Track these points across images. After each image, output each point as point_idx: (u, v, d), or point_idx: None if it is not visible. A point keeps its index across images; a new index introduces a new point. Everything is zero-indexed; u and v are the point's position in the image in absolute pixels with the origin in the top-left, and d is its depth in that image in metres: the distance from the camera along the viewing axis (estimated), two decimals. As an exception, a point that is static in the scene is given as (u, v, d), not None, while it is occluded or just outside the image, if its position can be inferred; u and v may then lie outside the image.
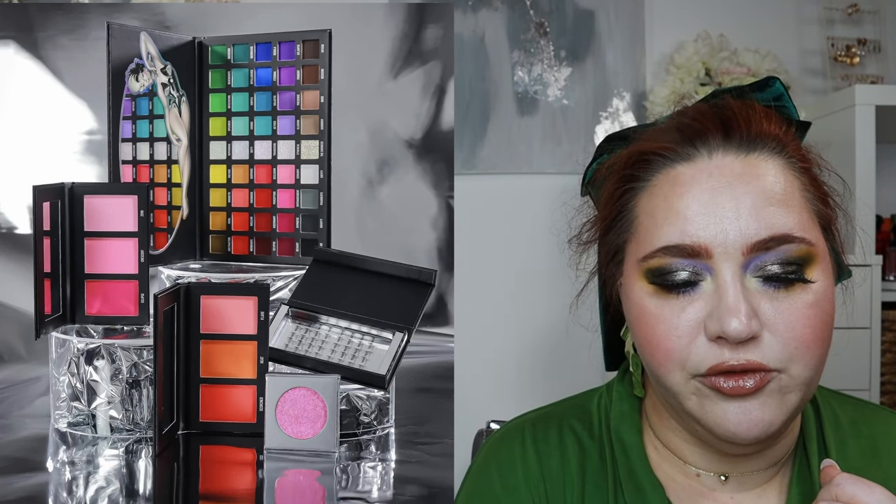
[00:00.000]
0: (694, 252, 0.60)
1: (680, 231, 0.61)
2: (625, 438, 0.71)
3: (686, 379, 0.61)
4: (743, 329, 0.57)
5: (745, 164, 0.62)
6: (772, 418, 0.60)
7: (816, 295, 0.60)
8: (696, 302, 0.60)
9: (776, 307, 0.59)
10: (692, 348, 0.60)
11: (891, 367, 1.54)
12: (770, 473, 0.69)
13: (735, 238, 0.59)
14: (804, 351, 0.59)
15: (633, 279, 0.65)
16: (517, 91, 1.73)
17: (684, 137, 0.64)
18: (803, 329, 0.59)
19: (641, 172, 0.66)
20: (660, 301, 0.62)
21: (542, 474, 0.71)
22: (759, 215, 0.60)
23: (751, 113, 0.64)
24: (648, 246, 0.63)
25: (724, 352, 0.59)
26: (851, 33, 1.76)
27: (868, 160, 1.50)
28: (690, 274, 0.61)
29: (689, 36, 1.71)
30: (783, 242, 0.59)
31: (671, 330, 0.61)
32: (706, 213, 0.60)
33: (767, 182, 0.61)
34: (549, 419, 0.75)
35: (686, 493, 0.69)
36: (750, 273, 0.60)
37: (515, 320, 1.70)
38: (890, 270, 1.62)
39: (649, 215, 0.64)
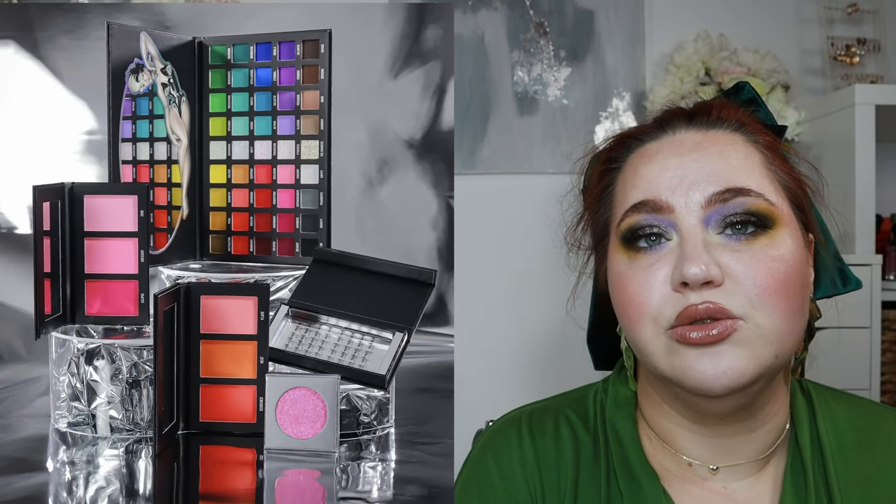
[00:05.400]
0: (657, 207, 0.65)
1: (644, 191, 0.66)
2: (619, 429, 0.72)
3: (658, 334, 0.64)
4: (700, 273, 0.61)
5: (705, 136, 0.68)
6: (742, 367, 0.61)
7: (780, 251, 0.63)
8: (663, 258, 0.64)
9: (738, 258, 0.62)
10: (662, 301, 0.63)
11: (891, 366, 1.54)
12: (761, 463, 0.69)
13: (695, 194, 0.64)
14: (766, 299, 0.61)
15: (612, 252, 0.69)
16: (517, 91, 1.73)
17: (655, 123, 0.71)
18: (765, 278, 0.62)
19: (618, 155, 0.72)
20: (631, 262, 0.66)
21: (537, 463, 0.73)
22: (718, 174, 0.65)
23: (712, 102, 0.71)
24: (621, 211, 0.68)
25: (689, 297, 0.62)
26: (851, 33, 1.76)
27: (868, 160, 1.50)
28: (657, 229, 0.65)
29: (689, 36, 1.71)
30: (740, 195, 0.64)
31: (641, 285, 0.65)
32: (668, 174, 0.66)
33: (726, 149, 0.66)
34: (545, 411, 0.77)
35: (679, 483, 0.69)
36: (712, 228, 0.64)
37: (515, 320, 1.70)
38: (890, 270, 1.62)
39: (622, 188, 0.70)
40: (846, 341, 1.41)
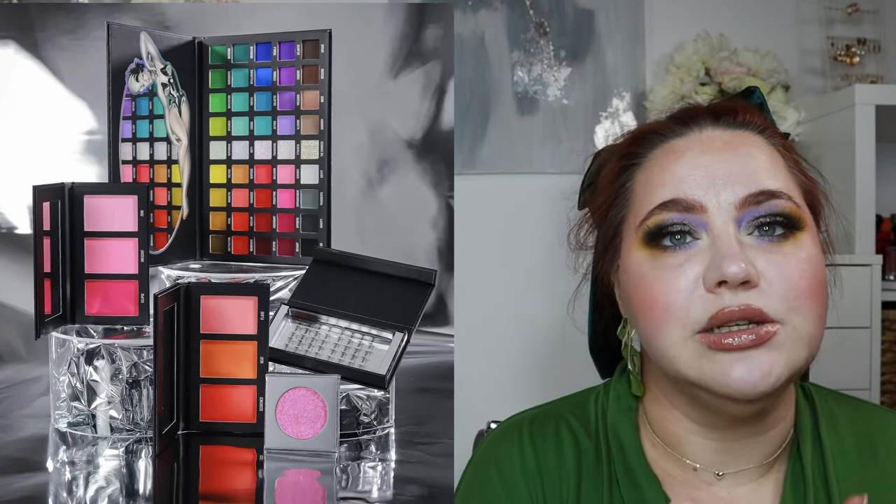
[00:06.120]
0: (689, 206, 0.63)
1: (674, 189, 0.64)
2: (621, 435, 0.72)
3: (685, 339, 0.62)
4: (740, 271, 0.59)
5: (733, 136, 0.67)
6: (780, 372, 0.60)
7: (809, 253, 0.62)
8: (693, 258, 0.63)
9: (771, 260, 0.61)
10: (691, 302, 0.62)
11: (891, 366, 1.54)
12: (765, 468, 0.69)
13: (727, 194, 0.63)
14: (802, 302, 0.61)
15: (630, 251, 0.67)
16: (517, 91, 1.73)
17: (678, 119, 0.69)
18: (799, 280, 0.61)
19: (639, 150, 0.70)
20: (656, 262, 0.64)
21: (538, 470, 0.72)
22: (749, 175, 0.63)
23: (736, 104, 0.70)
24: (646, 209, 0.66)
25: (724, 298, 0.60)
26: (851, 33, 1.76)
27: (868, 160, 1.50)
28: (687, 227, 0.63)
29: (689, 36, 1.71)
30: (772, 197, 0.63)
31: (668, 284, 0.63)
32: (699, 173, 0.64)
33: (754, 151, 0.65)
34: (546, 416, 0.76)
35: (683, 488, 0.69)
36: (744, 229, 0.63)
37: (516, 320, 1.70)
38: (890, 270, 1.62)
39: (645, 185, 0.68)
40: (846, 341, 1.40)
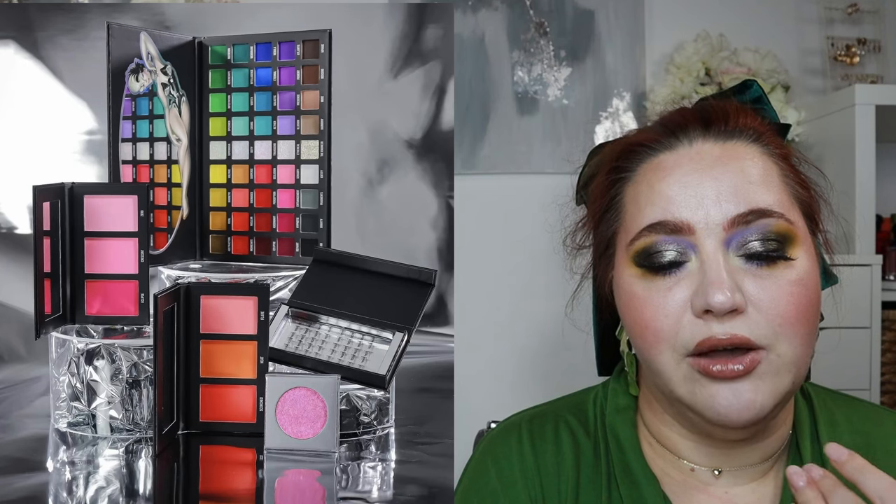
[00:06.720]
0: (676, 228, 0.62)
1: (662, 210, 0.63)
2: (620, 434, 0.72)
3: (677, 360, 0.62)
4: (726, 301, 0.59)
5: (723, 149, 0.65)
6: (763, 401, 0.60)
7: (799, 273, 0.61)
8: (682, 281, 0.62)
9: (759, 284, 0.61)
10: (680, 327, 0.61)
11: (891, 366, 1.54)
12: (764, 468, 0.69)
13: (716, 214, 0.61)
14: (789, 328, 0.60)
15: (622, 267, 0.67)
16: (517, 91, 1.73)
17: (667, 130, 0.67)
18: (787, 306, 0.60)
19: (627, 164, 0.68)
20: (647, 283, 0.63)
21: (537, 469, 0.72)
22: (739, 193, 0.62)
23: (728, 108, 0.67)
24: (634, 229, 0.65)
25: (712, 326, 0.60)
26: (851, 33, 1.76)
27: (868, 160, 1.50)
28: (675, 253, 0.62)
29: (689, 36, 1.71)
30: (762, 216, 0.61)
31: (658, 310, 0.62)
32: (687, 192, 0.63)
33: (746, 164, 0.64)
34: (545, 416, 0.76)
35: (680, 488, 0.69)
36: (732, 251, 0.61)
37: (516, 320, 1.70)
38: (890, 270, 1.61)
39: (634, 202, 0.66)
40: (846, 341, 1.40)
